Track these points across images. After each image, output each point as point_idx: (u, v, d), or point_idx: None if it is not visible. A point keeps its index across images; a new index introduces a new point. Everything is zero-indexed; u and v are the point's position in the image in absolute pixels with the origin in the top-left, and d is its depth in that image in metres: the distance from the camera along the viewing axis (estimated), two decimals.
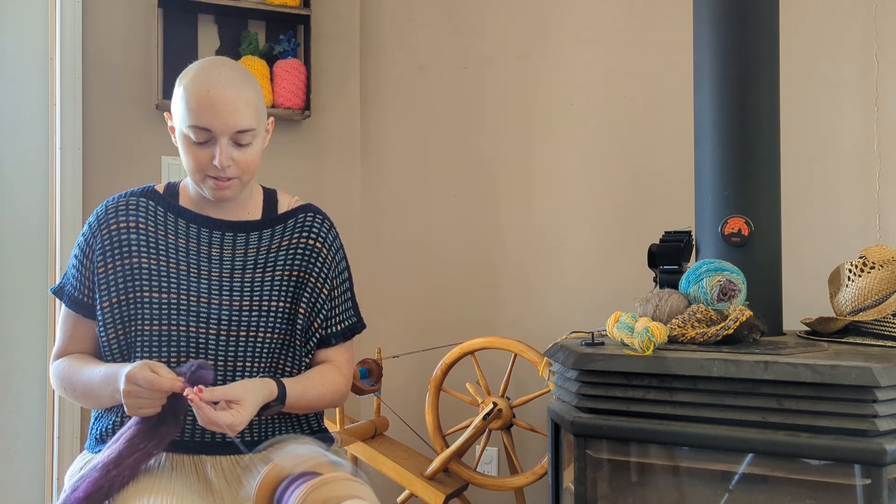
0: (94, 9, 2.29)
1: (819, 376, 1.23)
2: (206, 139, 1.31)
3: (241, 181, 1.36)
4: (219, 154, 1.30)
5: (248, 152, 1.34)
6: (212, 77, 1.30)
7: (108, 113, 2.30)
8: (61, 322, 1.42)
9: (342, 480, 1.10)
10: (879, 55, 1.94)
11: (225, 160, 1.31)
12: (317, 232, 1.47)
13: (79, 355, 1.40)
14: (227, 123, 1.30)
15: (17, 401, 2.22)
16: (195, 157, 1.32)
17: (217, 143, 1.31)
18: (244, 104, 1.31)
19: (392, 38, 2.62)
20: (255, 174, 1.40)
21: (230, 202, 1.42)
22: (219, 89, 1.29)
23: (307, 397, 1.36)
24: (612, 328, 1.49)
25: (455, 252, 2.50)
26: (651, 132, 2.21)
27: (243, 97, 1.31)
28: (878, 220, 1.94)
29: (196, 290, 1.36)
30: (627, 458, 1.46)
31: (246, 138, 1.32)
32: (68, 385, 1.36)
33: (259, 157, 1.38)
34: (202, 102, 1.29)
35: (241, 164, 1.34)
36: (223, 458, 1.32)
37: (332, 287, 1.47)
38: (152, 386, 1.17)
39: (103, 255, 1.37)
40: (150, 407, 1.19)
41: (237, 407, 1.20)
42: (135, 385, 1.17)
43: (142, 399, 1.18)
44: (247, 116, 1.31)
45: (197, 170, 1.34)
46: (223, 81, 1.30)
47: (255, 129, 1.33)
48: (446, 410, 2.28)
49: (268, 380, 1.30)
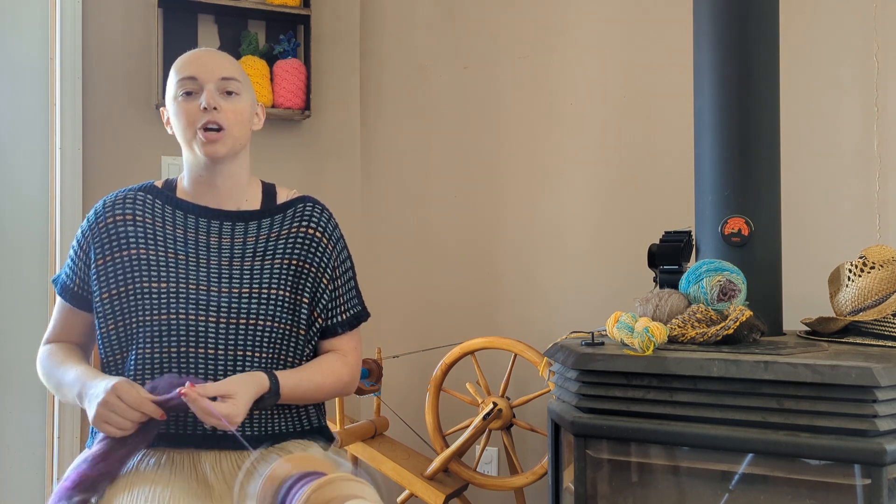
0: (94, 9, 2.28)
1: (819, 376, 1.24)
2: (193, 88, 1.37)
3: (232, 136, 1.39)
4: (205, 96, 1.36)
5: (236, 102, 1.40)
6: (197, 50, 1.44)
7: (108, 113, 2.30)
8: (55, 309, 1.46)
9: (345, 480, 1.10)
10: (879, 55, 1.94)
11: (211, 101, 1.36)
12: (316, 221, 1.47)
13: (65, 346, 1.43)
14: (212, 70, 1.38)
15: (17, 401, 2.22)
16: (185, 111, 1.37)
17: (204, 91, 1.37)
18: (228, 61, 1.42)
19: (392, 38, 2.62)
20: (244, 140, 1.43)
21: (227, 192, 1.43)
22: (203, 52, 1.43)
23: (303, 388, 1.36)
24: (612, 328, 1.49)
25: (455, 252, 2.51)
26: (651, 132, 2.21)
27: (227, 58, 1.43)
28: (878, 220, 1.94)
29: (195, 278, 1.37)
30: (627, 458, 1.46)
31: (232, 86, 1.39)
32: (46, 374, 1.40)
33: (247, 120, 1.43)
34: (188, 60, 1.40)
35: (229, 113, 1.38)
36: (223, 458, 1.31)
37: (334, 276, 1.47)
38: (136, 406, 1.18)
39: (101, 248, 1.38)
40: (119, 426, 1.19)
41: (231, 401, 1.21)
42: (118, 399, 1.18)
43: (115, 414, 1.18)
44: (232, 69, 1.41)
45: (187, 125, 1.38)
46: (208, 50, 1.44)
47: (241, 81, 1.41)
48: (446, 410, 2.28)
49: (258, 373, 1.30)
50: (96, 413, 1.19)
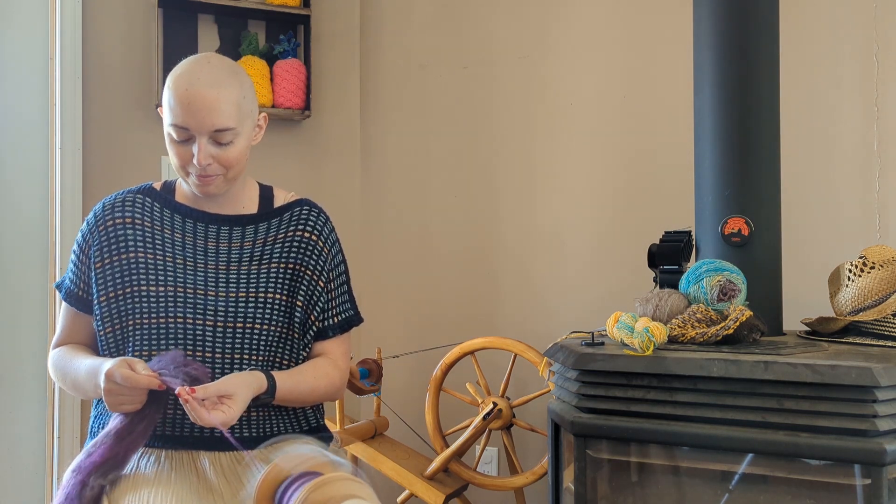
0: (94, 9, 2.29)
1: (819, 376, 1.23)
2: (185, 137, 1.32)
3: (226, 178, 1.37)
4: (197, 153, 1.31)
5: (230, 150, 1.34)
6: (192, 75, 1.30)
7: (108, 113, 2.30)
8: (61, 314, 1.46)
9: (343, 480, 1.10)
10: (879, 55, 1.94)
11: (203, 158, 1.31)
12: (312, 225, 1.47)
13: (74, 345, 1.43)
14: (203, 123, 1.29)
15: (17, 401, 2.22)
16: (177, 154, 1.34)
17: (196, 142, 1.31)
18: (224, 103, 1.30)
19: (392, 38, 2.62)
20: (243, 170, 1.40)
21: (224, 197, 1.43)
22: (197, 87, 1.29)
23: (299, 390, 1.36)
24: (612, 328, 1.49)
25: (455, 252, 2.50)
26: (651, 132, 2.21)
27: (224, 96, 1.30)
28: (878, 220, 1.94)
29: (193, 282, 1.37)
30: (627, 458, 1.46)
31: (225, 137, 1.32)
32: (60, 375, 1.40)
33: (244, 154, 1.37)
34: (181, 101, 1.29)
35: (223, 161, 1.34)
36: (221, 455, 1.32)
37: (329, 280, 1.47)
38: (129, 383, 1.18)
39: (100, 251, 1.38)
40: (130, 403, 1.21)
41: (229, 402, 1.21)
42: (113, 383, 1.19)
43: (122, 396, 1.20)
44: (226, 115, 1.30)
45: (180, 166, 1.36)
46: (203, 79, 1.29)
47: (235, 128, 1.32)
48: (446, 410, 2.28)
49: (257, 372, 1.30)
50: (107, 402, 1.22)
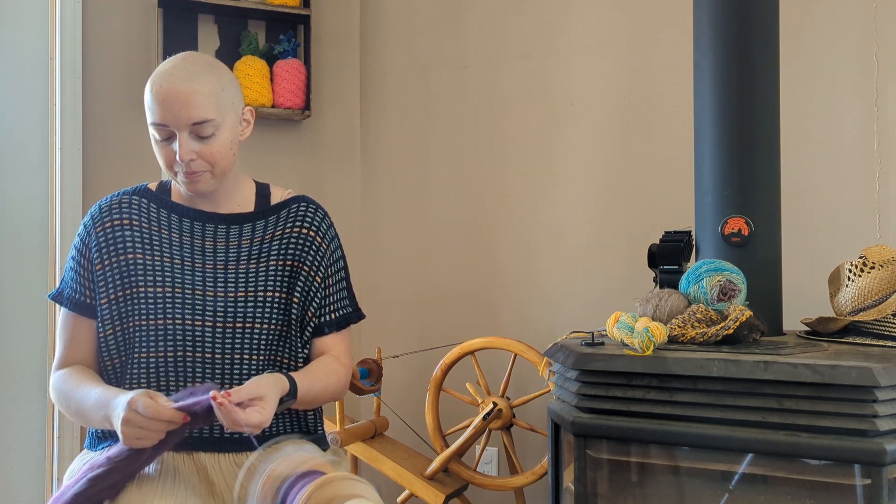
0: (94, 9, 2.28)
1: (819, 376, 1.23)
2: (166, 135, 1.31)
3: (213, 174, 1.35)
4: (178, 149, 1.30)
5: (212, 144, 1.32)
6: (167, 72, 1.30)
7: (108, 113, 2.30)
8: (61, 328, 1.40)
9: (346, 479, 1.11)
10: (879, 55, 1.94)
11: (185, 154, 1.30)
12: (310, 221, 1.46)
13: (79, 369, 1.35)
14: (180, 116, 1.29)
15: (17, 401, 2.22)
16: (163, 154, 1.34)
17: (178, 138, 1.30)
18: (200, 95, 1.29)
19: (392, 38, 2.62)
20: (231, 166, 1.38)
21: (219, 195, 1.42)
22: (171, 83, 1.28)
23: (315, 390, 1.34)
24: (612, 328, 1.49)
25: (455, 252, 2.50)
26: (651, 132, 2.21)
27: (199, 88, 1.29)
28: (878, 220, 1.94)
29: (191, 282, 1.36)
30: (627, 458, 1.46)
31: (206, 130, 1.31)
32: (64, 401, 1.33)
33: (229, 149, 1.35)
34: (157, 98, 1.29)
35: (206, 156, 1.32)
36: (221, 457, 1.32)
37: (326, 275, 1.46)
38: (152, 413, 1.12)
39: (99, 253, 1.37)
40: (147, 438, 1.14)
41: (261, 403, 1.17)
42: (135, 412, 1.12)
43: (140, 429, 1.13)
44: (203, 107, 1.29)
45: (166, 166, 1.35)
46: (178, 75, 1.29)
47: (214, 119, 1.31)
48: (446, 410, 2.28)
49: (279, 374, 1.27)
50: (122, 433, 1.14)
